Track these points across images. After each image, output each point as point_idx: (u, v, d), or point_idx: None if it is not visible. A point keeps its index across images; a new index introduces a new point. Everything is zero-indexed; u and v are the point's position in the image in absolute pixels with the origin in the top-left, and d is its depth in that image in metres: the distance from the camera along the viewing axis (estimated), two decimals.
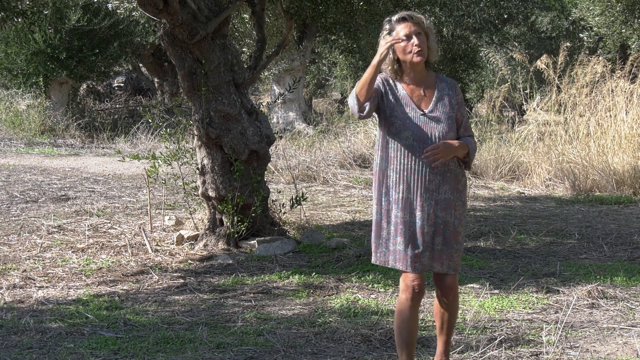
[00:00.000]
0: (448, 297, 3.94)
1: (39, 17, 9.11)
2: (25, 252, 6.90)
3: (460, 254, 3.91)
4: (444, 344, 4.02)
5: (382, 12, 8.60)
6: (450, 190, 3.82)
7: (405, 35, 3.75)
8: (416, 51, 3.74)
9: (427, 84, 3.86)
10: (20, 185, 10.42)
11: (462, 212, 3.89)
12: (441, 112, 3.81)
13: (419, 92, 3.84)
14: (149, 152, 7.54)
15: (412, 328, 3.86)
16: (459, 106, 3.88)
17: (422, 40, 3.76)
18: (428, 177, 3.77)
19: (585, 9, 16.37)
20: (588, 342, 4.67)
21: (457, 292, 3.98)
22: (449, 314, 3.97)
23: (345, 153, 12.71)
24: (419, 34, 3.76)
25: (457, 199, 3.85)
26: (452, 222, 3.83)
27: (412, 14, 3.79)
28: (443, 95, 3.85)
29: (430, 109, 3.81)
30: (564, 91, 11.71)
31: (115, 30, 16.11)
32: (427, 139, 3.76)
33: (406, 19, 3.77)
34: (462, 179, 3.90)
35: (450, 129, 3.81)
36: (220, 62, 6.80)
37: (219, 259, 6.69)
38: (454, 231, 3.84)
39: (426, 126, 3.78)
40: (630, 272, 6.29)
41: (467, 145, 3.83)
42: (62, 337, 4.70)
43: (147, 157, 7.19)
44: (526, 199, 10.27)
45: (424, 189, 3.78)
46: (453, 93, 3.87)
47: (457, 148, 3.78)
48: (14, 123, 16.57)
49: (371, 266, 6.40)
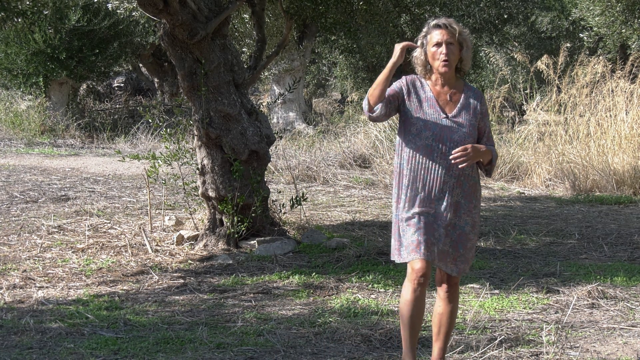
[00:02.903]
0: (447, 300, 3.96)
1: (39, 17, 9.12)
2: (25, 252, 6.90)
3: (468, 260, 3.94)
4: (440, 350, 4.01)
5: (382, 12, 8.59)
6: (462, 194, 3.88)
7: (436, 42, 3.81)
8: (442, 60, 3.81)
9: (455, 90, 3.91)
10: (20, 185, 10.42)
11: (477, 219, 3.93)
12: (464, 119, 3.87)
13: (445, 97, 3.90)
14: (149, 152, 7.54)
15: (414, 312, 3.88)
16: (483, 116, 3.94)
17: (452, 51, 3.82)
18: (443, 179, 3.84)
19: (585, 9, 16.37)
20: (588, 342, 4.67)
21: (457, 296, 4.00)
22: (446, 317, 3.97)
23: (346, 153, 12.71)
24: (450, 44, 3.81)
25: (474, 206, 3.91)
26: (461, 226, 3.88)
27: (449, 23, 3.84)
28: (468, 103, 3.90)
29: (454, 113, 3.87)
30: (564, 91, 11.71)
31: (115, 31, 16.10)
32: (447, 141, 3.83)
33: (441, 26, 3.82)
34: (479, 188, 3.96)
35: (470, 136, 3.86)
36: (220, 62, 6.80)
37: (219, 259, 6.69)
38: (463, 235, 3.88)
39: (447, 129, 3.84)
40: (631, 272, 6.29)
41: (491, 152, 3.89)
42: (62, 337, 4.70)
43: (147, 157, 7.19)
44: (526, 199, 10.27)
45: (438, 189, 3.85)
46: (478, 102, 3.92)
47: (484, 153, 3.84)
48: (14, 123, 16.56)
49: (371, 266, 6.41)
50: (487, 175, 3.99)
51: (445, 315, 3.97)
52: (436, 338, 4.01)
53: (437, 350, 4.01)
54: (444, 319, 3.97)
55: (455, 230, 3.87)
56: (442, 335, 3.99)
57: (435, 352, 4.02)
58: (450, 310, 3.97)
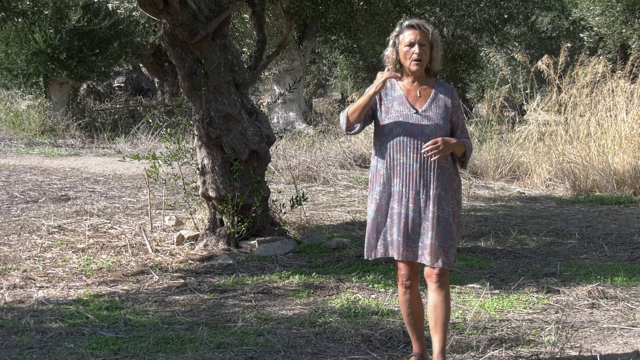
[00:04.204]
0: (438, 292, 4.02)
1: (39, 17, 9.12)
2: (25, 252, 6.90)
3: (453, 251, 4.04)
4: (440, 342, 4.03)
5: (382, 12, 8.59)
6: (441, 186, 3.98)
7: (409, 42, 3.96)
8: (415, 59, 3.97)
9: (425, 87, 4.06)
10: (21, 185, 10.42)
11: (456, 209, 4.04)
12: (434, 113, 4.01)
13: (415, 93, 4.05)
14: (149, 152, 7.54)
15: (413, 312, 4.11)
16: (455, 109, 4.07)
17: (424, 51, 3.97)
18: (419, 172, 3.97)
19: (585, 9, 16.37)
20: (588, 342, 4.67)
21: (448, 288, 4.07)
22: (440, 308, 4.02)
23: (346, 153, 12.71)
24: (422, 45, 3.97)
25: (451, 197, 4.01)
26: (445, 218, 3.98)
27: (422, 24, 3.99)
28: (438, 98, 4.04)
29: (424, 108, 4.01)
30: (565, 91, 11.71)
31: (115, 31, 16.10)
32: (418, 135, 3.96)
33: (414, 27, 3.97)
34: (455, 178, 4.07)
35: (441, 129, 3.99)
36: (220, 62, 6.80)
37: (219, 259, 6.69)
38: (448, 226, 3.98)
39: (418, 124, 3.98)
40: (631, 272, 6.29)
41: (464, 144, 4.01)
42: (63, 337, 4.70)
43: (148, 157, 7.19)
44: (526, 199, 10.27)
45: (415, 183, 3.97)
46: (448, 97, 4.05)
47: (455, 145, 3.96)
48: (14, 123, 16.56)
49: (371, 266, 6.41)
50: (462, 167, 4.10)
51: (439, 306, 4.03)
52: (434, 331, 4.05)
53: (437, 342, 4.04)
54: (438, 310, 4.03)
55: (440, 222, 3.96)
56: (439, 327, 4.03)
57: (435, 345, 4.04)
58: (442, 300, 4.02)
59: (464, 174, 11.30)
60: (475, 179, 11.40)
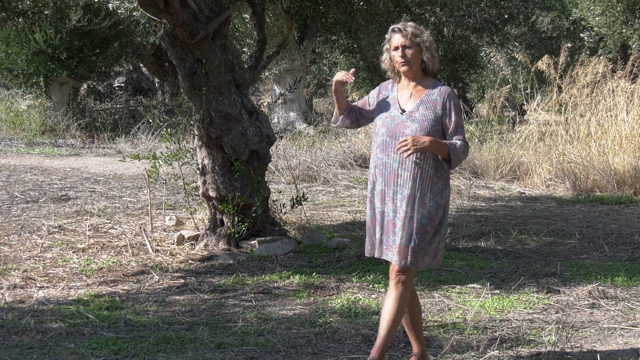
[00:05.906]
0: (392, 290, 4.00)
1: (39, 17, 9.12)
2: (25, 252, 6.90)
3: (425, 253, 3.99)
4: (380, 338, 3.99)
5: (382, 12, 8.59)
6: (418, 187, 3.98)
7: (395, 46, 4.07)
8: (399, 62, 4.05)
9: (419, 88, 4.09)
10: (21, 185, 10.42)
11: (435, 212, 3.99)
12: (421, 114, 4.02)
13: (407, 95, 4.10)
14: (149, 152, 7.54)
15: (409, 311, 4.15)
16: (447, 112, 4.03)
17: (409, 52, 4.03)
18: (397, 172, 4.02)
19: (585, 9, 16.36)
20: (589, 342, 4.68)
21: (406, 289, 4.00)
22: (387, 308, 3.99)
23: (346, 153, 12.71)
24: (406, 47, 4.03)
25: (430, 199, 3.99)
26: (418, 219, 3.96)
27: (404, 27, 4.06)
28: (429, 100, 4.05)
29: (412, 109, 4.05)
30: (565, 91, 11.71)
31: (115, 30, 16.10)
32: (400, 136, 4.01)
33: (396, 30, 4.07)
34: (438, 182, 4.03)
35: (424, 130, 3.98)
36: (220, 62, 6.80)
37: (219, 259, 6.69)
38: (420, 227, 3.96)
39: (401, 124, 4.03)
40: (631, 272, 6.29)
41: (446, 145, 3.96)
42: (63, 337, 4.70)
43: (148, 157, 7.19)
44: (527, 199, 10.27)
45: (394, 182, 4.02)
46: (441, 100, 4.04)
47: (430, 144, 3.91)
48: (14, 123, 16.56)
49: (372, 266, 6.41)
50: (448, 168, 4.04)
51: (387, 303, 4.01)
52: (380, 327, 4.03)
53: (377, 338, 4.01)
54: (385, 307, 4.01)
55: (412, 222, 3.96)
56: (383, 324, 3.99)
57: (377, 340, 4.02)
58: (393, 298, 3.99)
59: (464, 174, 11.31)
60: (475, 178, 11.40)
